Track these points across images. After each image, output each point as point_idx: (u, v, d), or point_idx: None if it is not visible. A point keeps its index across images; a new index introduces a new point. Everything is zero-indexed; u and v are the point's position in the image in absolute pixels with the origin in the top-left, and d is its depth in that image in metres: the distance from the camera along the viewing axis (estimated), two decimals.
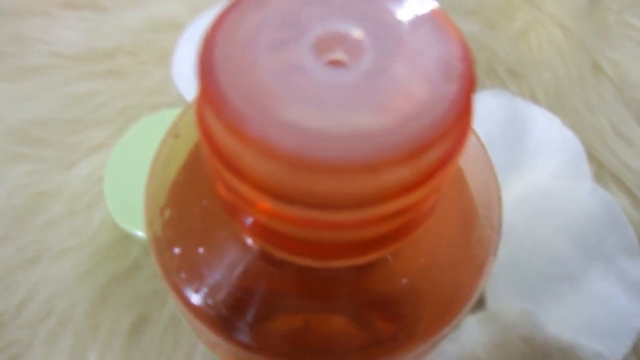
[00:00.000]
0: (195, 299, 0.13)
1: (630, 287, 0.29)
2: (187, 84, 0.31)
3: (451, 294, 0.13)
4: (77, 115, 0.32)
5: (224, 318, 0.13)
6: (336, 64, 0.09)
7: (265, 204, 0.10)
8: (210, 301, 0.13)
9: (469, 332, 0.25)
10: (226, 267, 0.13)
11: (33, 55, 0.34)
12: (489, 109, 0.28)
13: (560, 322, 0.27)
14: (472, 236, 0.14)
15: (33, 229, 0.28)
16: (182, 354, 0.25)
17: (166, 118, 0.26)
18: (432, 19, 0.10)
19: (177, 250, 0.13)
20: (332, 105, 0.09)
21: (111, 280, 0.27)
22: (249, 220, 0.11)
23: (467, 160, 0.14)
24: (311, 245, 0.11)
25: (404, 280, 0.13)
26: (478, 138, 0.15)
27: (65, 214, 0.29)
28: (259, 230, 0.11)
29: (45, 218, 0.29)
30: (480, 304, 0.26)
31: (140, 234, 0.25)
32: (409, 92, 0.09)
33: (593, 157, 0.30)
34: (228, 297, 0.13)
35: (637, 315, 0.29)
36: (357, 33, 0.09)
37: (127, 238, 0.27)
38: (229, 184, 0.10)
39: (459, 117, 0.09)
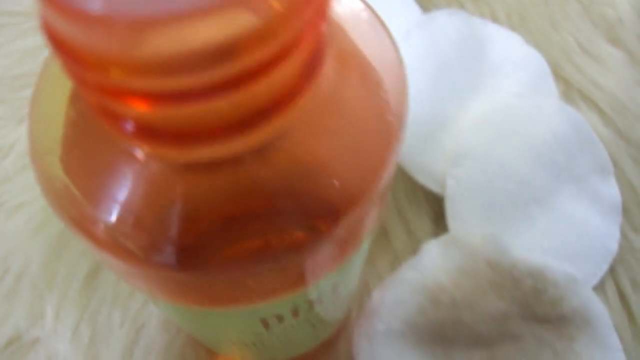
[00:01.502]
0: (104, 231, 0.12)
1: (604, 208, 0.28)
2: None
3: (355, 178, 0.12)
4: (27, 70, 0.31)
5: (139, 243, 0.12)
6: None
7: (123, 84, 0.09)
8: (121, 230, 0.12)
9: (431, 258, 0.24)
10: (125, 189, 0.12)
11: None
12: (443, 29, 0.27)
13: (529, 246, 0.26)
14: (373, 120, 0.13)
15: None
16: (139, 300, 0.25)
17: None
18: None
19: (74, 188, 0.12)
20: None
21: (64, 231, 0.26)
22: (130, 126, 0.10)
23: (367, 44, 0.13)
24: (194, 131, 0.10)
25: (307, 162, 0.12)
26: (377, 17, 0.14)
27: (17, 169, 0.28)
28: (140, 132, 0.10)
29: None
30: (443, 229, 0.26)
31: None
32: None
33: (560, 76, 0.29)
34: (137, 220, 0.12)
35: (613, 237, 0.27)
36: None
37: None
38: (84, 80, 0.09)
39: None
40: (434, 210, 0.26)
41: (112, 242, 0.12)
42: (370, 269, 0.25)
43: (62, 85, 0.12)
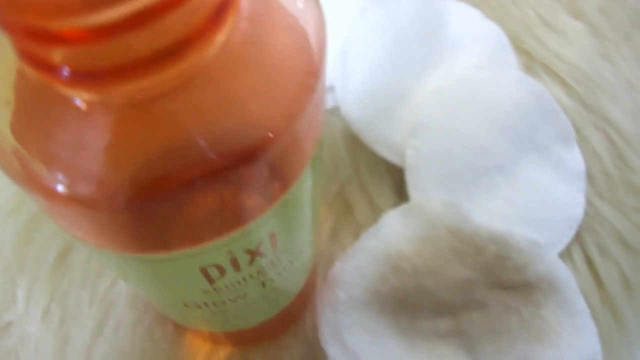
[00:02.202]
0: (55, 184, 0.12)
1: (568, 175, 0.28)
2: None
3: (273, 115, 0.13)
4: None
5: (80, 186, 0.13)
6: None
7: (40, 25, 0.09)
8: (68, 179, 0.13)
9: (391, 226, 0.24)
10: (60, 134, 0.13)
11: None
12: (400, 6, 0.27)
13: (492, 214, 0.26)
14: (291, 59, 0.13)
15: None
16: (107, 280, 0.25)
17: None
18: None
19: (21, 146, 0.13)
20: None
21: (35, 216, 0.27)
22: (58, 71, 0.11)
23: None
24: (114, 69, 0.11)
25: (228, 98, 0.12)
26: None
27: None
28: (67, 76, 0.11)
29: None
30: (406, 200, 0.26)
31: None
32: None
33: (521, 50, 0.29)
34: (72, 162, 0.13)
35: (578, 204, 0.28)
36: None
37: None
38: (8, 25, 0.10)
39: None
40: (396, 183, 0.26)
41: (55, 189, 0.12)
42: (334, 243, 0.26)
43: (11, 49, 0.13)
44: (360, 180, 0.26)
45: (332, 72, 0.26)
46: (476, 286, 0.25)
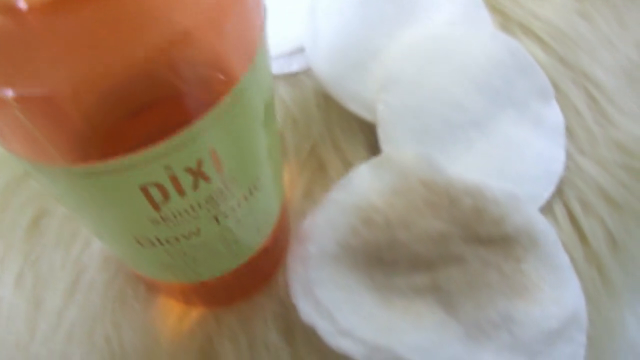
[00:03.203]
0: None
1: (547, 131, 0.27)
2: None
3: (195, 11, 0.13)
4: None
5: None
6: None
7: None
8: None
9: (361, 178, 0.24)
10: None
11: None
12: None
13: (468, 168, 0.26)
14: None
15: None
16: (80, 244, 0.25)
17: None
18: None
19: None
20: None
21: (9, 183, 0.27)
22: None
23: None
24: None
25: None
26: None
27: None
28: None
29: None
30: (377, 155, 0.25)
31: None
32: None
33: (496, 10, 0.29)
34: (21, 67, 0.13)
35: (557, 159, 0.27)
36: None
37: None
38: None
39: None
40: (368, 140, 0.26)
41: None
42: (307, 201, 0.25)
43: None
44: (333, 139, 0.26)
45: (301, 32, 0.26)
46: (452, 240, 0.24)
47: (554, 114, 0.27)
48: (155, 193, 0.15)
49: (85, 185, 0.15)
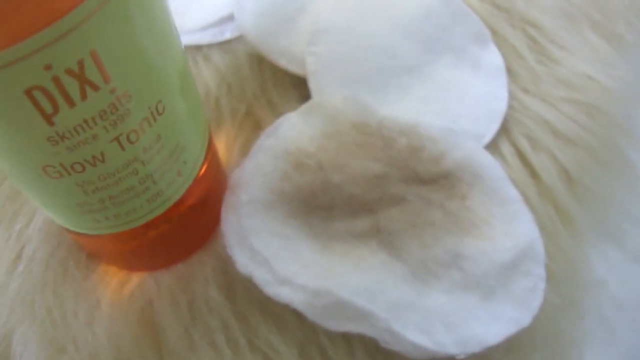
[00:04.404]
0: None
1: (487, 73, 0.27)
2: None
3: None
4: None
5: None
6: None
7: None
8: None
9: (290, 124, 0.23)
10: None
11: None
12: None
13: (406, 112, 0.25)
14: None
15: None
16: (22, 221, 0.25)
17: None
18: None
19: None
20: None
21: None
22: None
23: None
24: None
25: None
26: None
27: None
28: None
29: None
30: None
31: None
32: None
33: None
34: None
35: (499, 98, 0.26)
36: None
37: None
38: None
39: None
40: (302, 95, 0.26)
41: None
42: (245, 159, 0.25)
43: None
44: (267, 97, 0.26)
45: (229, 0, 0.27)
46: (390, 181, 0.24)
47: (493, 57, 0.27)
48: (42, 100, 0.15)
49: None
